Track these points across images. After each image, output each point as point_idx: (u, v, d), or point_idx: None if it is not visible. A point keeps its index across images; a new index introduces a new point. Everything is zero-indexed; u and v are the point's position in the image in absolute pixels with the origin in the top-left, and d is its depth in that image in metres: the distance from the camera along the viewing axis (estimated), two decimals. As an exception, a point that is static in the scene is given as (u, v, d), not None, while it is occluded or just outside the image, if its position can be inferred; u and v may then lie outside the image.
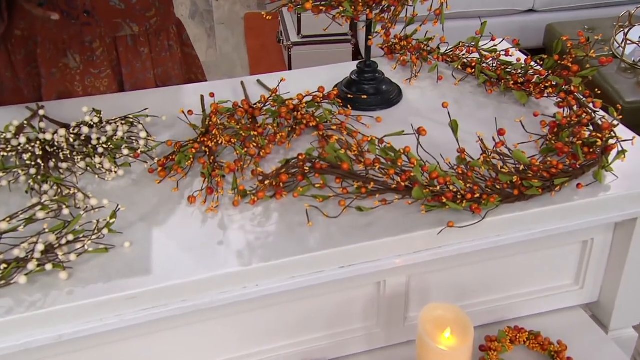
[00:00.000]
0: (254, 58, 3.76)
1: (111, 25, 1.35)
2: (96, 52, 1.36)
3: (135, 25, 1.38)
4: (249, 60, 3.75)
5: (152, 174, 1.09)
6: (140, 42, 1.40)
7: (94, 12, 1.32)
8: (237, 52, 3.91)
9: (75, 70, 1.34)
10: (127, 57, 1.39)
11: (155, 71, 1.44)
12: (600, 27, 3.31)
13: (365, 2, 1.14)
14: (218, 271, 0.91)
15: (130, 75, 1.41)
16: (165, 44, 1.44)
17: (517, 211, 1.00)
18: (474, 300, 1.14)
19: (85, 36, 1.33)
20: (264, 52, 3.80)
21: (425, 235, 0.98)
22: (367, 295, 1.07)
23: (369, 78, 1.30)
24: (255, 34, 4.07)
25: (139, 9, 1.37)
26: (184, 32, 1.51)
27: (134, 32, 1.38)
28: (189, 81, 1.53)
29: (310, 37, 3.42)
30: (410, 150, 1.00)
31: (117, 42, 1.37)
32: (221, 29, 4.19)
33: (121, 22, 1.36)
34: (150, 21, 1.40)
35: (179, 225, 0.99)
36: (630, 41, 2.86)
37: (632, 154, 1.07)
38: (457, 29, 2.51)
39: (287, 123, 1.18)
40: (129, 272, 0.90)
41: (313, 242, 0.96)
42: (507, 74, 1.29)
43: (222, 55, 3.88)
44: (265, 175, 1.04)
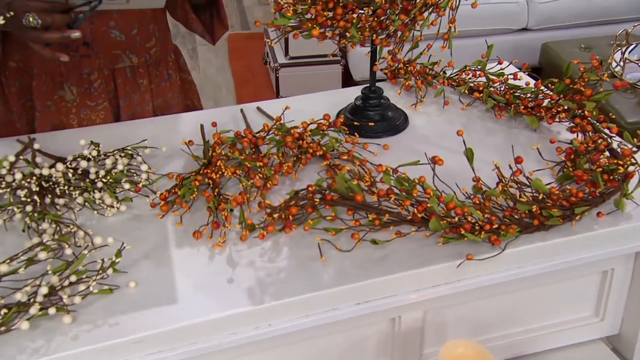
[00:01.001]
0: (239, 80, 3.78)
1: (110, 57, 1.36)
2: (94, 84, 1.36)
3: (135, 57, 1.39)
4: (234, 83, 3.77)
5: (154, 208, 1.08)
6: (140, 74, 1.40)
7: (93, 43, 1.32)
8: (222, 74, 3.92)
9: (71, 102, 1.34)
10: (125, 88, 1.40)
11: (154, 102, 1.44)
12: (596, 46, 3.37)
13: (371, 27, 1.15)
14: (229, 311, 0.91)
15: (127, 107, 1.42)
16: (165, 74, 1.45)
17: (537, 242, 1.01)
18: (492, 335, 1.14)
19: (83, 68, 1.34)
20: (249, 74, 3.82)
21: (443, 269, 0.98)
22: (381, 332, 1.07)
23: (375, 104, 1.31)
24: (239, 55, 4.09)
25: (139, 40, 1.38)
26: (181, 58, 1.52)
27: (133, 63, 1.39)
28: (186, 108, 1.53)
29: (298, 58, 3.45)
30: (425, 180, 1.01)
31: (115, 74, 1.38)
32: (204, 50, 4.21)
33: (121, 53, 1.37)
34: (150, 52, 1.41)
35: (185, 262, 0.99)
36: (629, 60, 2.92)
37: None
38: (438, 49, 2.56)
39: (292, 152, 1.19)
40: (135, 314, 0.90)
41: (327, 277, 0.96)
42: (516, 98, 1.31)
43: (206, 78, 3.89)
44: (273, 208, 1.04)
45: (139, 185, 1.07)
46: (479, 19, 3.48)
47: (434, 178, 1.02)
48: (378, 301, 0.98)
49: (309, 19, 1.10)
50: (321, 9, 1.08)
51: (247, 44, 4.23)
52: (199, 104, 1.57)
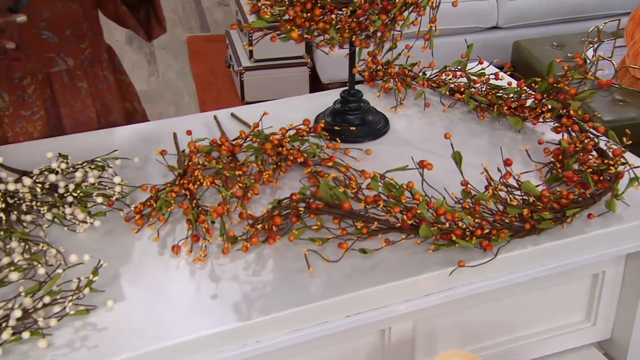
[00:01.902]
0: (202, 85, 3.76)
1: (44, 60, 1.33)
2: (27, 90, 1.32)
3: (70, 59, 1.36)
4: (196, 87, 3.75)
5: (129, 222, 1.07)
6: (78, 77, 1.38)
7: (23, 46, 1.29)
8: (183, 79, 3.90)
9: (3, 111, 1.31)
10: (63, 95, 1.37)
11: (96, 107, 1.42)
12: (568, 43, 3.44)
13: (351, 29, 1.16)
14: (214, 329, 0.90)
15: (69, 116, 1.39)
16: (101, 75, 1.43)
17: (529, 246, 1.02)
18: (483, 344, 1.15)
19: (14, 72, 1.30)
20: (212, 78, 3.80)
21: (435, 277, 0.99)
22: (371, 344, 1.07)
23: (354, 108, 1.31)
24: (200, 58, 4.07)
25: (73, 40, 1.35)
26: (116, 58, 1.50)
27: (69, 66, 1.36)
28: (125, 111, 1.51)
29: (264, 61, 3.44)
30: (413, 185, 1.01)
31: (51, 79, 1.35)
32: (162, 54, 4.18)
33: (55, 56, 1.34)
34: (84, 52, 1.38)
35: (164, 278, 0.98)
36: (602, 57, 2.99)
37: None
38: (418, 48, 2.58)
39: (272, 160, 1.18)
40: (114, 336, 0.88)
41: (315, 290, 0.96)
42: (498, 98, 1.33)
43: (166, 83, 3.86)
44: (255, 219, 1.04)
45: (112, 199, 1.06)
46: (448, 18, 3.52)
47: (423, 183, 1.02)
48: (369, 313, 0.98)
49: (286, 20, 1.10)
50: (300, 10, 1.08)
51: (208, 46, 4.21)
52: (140, 107, 1.55)
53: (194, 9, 4.78)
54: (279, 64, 3.47)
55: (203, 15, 4.72)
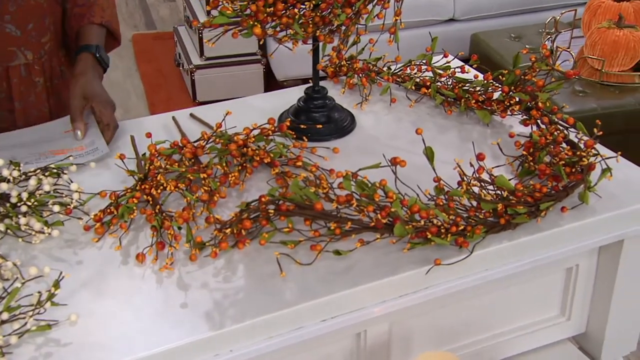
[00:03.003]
0: (150, 85, 3.71)
1: (5, 54, 1.34)
2: None
3: (30, 53, 1.37)
4: (144, 88, 3.70)
5: (88, 231, 1.05)
6: (35, 71, 1.39)
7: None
8: (130, 79, 3.84)
9: None
10: (19, 89, 1.38)
11: (49, 102, 1.42)
12: (526, 35, 3.51)
13: (314, 23, 1.16)
14: (186, 339, 0.89)
15: (22, 110, 1.39)
16: (58, 70, 1.44)
17: (504, 241, 1.04)
18: (459, 344, 1.17)
19: None
20: (160, 78, 3.76)
21: (411, 277, 1.00)
22: (346, 349, 1.07)
23: (319, 105, 1.32)
24: (147, 57, 4.01)
25: (35, 34, 1.37)
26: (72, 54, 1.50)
27: (28, 60, 1.38)
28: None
29: (215, 58, 3.42)
30: (386, 183, 1.02)
31: (9, 72, 1.36)
32: (106, 53, 4.11)
33: (16, 50, 1.35)
34: (44, 47, 1.40)
35: (130, 289, 0.96)
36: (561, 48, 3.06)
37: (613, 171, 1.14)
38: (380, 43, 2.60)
39: (237, 161, 1.18)
40: (79, 351, 0.87)
41: (289, 294, 0.96)
42: (465, 92, 1.35)
43: (112, 84, 3.80)
44: (223, 223, 1.03)
45: (69, 207, 1.04)
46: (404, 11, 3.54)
47: (396, 181, 1.03)
48: (345, 316, 0.98)
49: (248, 15, 1.10)
50: (262, 5, 1.07)
51: (155, 44, 4.16)
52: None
53: (138, 5, 4.72)
54: (232, 61, 3.44)
55: (148, 11, 4.66)
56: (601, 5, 3.15)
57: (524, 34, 3.51)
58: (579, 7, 3.33)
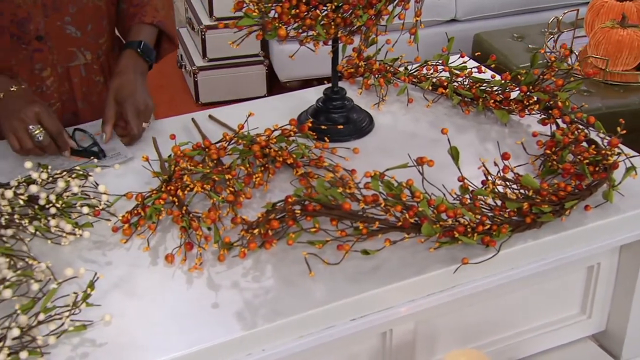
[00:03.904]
0: (152, 87, 3.68)
1: (65, 54, 1.38)
2: (46, 82, 1.37)
3: (89, 53, 1.42)
4: (146, 90, 3.70)
5: (116, 232, 1.06)
6: (95, 71, 1.43)
7: (47, 37, 1.34)
8: (131, 82, 3.85)
9: None
10: (81, 89, 1.41)
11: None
12: (529, 35, 3.53)
13: (336, 24, 1.17)
14: (219, 338, 0.90)
15: (86, 111, 1.43)
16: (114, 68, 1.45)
17: (529, 240, 1.05)
18: (481, 342, 1.18)
19: (35, 63, 1.35)
20: (163, 79, 3.76)
21: (438, 276, 1.01)
22: (372, 348, 1.08)
23: (338, 106, 1.33)
24: (148, 59, 4.02)
25: (93, 35, 1.41)
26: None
27: (87, 60, 1.42)
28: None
29: (218, 60, 3.43)
30: (413, 183, 1.03)
31: (70, 72, 1.41)
32: (106, 55, 4.12)
33: (76, 50, 1.40)
34: (102, 47, 1.44)
35: (161, 289, 0.97)
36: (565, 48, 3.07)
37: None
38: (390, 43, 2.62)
39: (259, 162, 1.19)
40: (116, 351, 0.88)
41: (319, 294, 0.97)
42: (482, 92, 1.37)
43: (113, 86, 3.81)
44: (250, 223, 1.04)
45: (97, 209, 1.05)
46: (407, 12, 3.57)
47: (423, 181, 1.04)
48: (374, 315, 0.99)
49: (272, 17, 1.11)
50: (288, 7, 1.09)
51: (155, 46, 4.16)
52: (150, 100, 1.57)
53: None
54: (234, 62, 3.45)
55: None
56: (604, 5, 3.17)
57: (526, 34, 3.53)
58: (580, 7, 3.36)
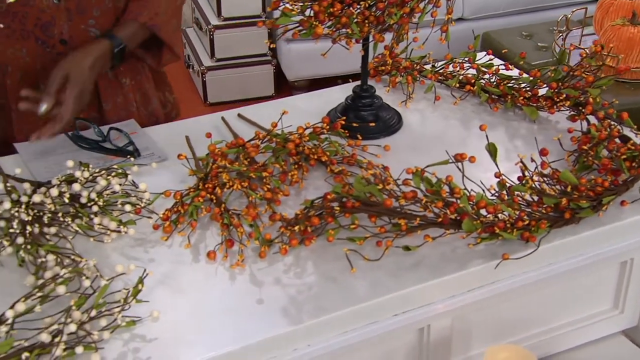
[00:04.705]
0: (159, 87, 3.73)
1: None
2: None
3: None
4: (153, 90, 3.71)
5: (157, 230, 1.07)
6: (121, 72, 1.42)
7: (71, 41, 1.33)
8: (137, 82, 3.86)
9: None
10: (107, 91, 1.40)
11: (136, 99, 1.45)
12: (537, 33, 3.55)
13: (369, 22, 1.19)
14: (266, 334, 0.92)
15: (111, 111, 1.42)
16: (139, 66, 1.46)
17: (567, 236, 1.07)
18: (515, 338, 1.19)
19: None
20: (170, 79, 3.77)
21: (479, 271, 1.03)
22: (409, 344, 1.10)
23: (367, 104, 1.34)
24: (154, 59, 4.03)
25: None
26: None
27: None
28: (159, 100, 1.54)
29: (226, 59, 3.44)
30: (452, 179, 1.05)
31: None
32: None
33: None
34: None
35: (205, 285, 0.99)
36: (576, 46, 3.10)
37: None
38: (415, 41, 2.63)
39: (292, 160, 1.20)
40: (165, 347, 0.89)
41: (362, 290, 0.99)
42: (510, 89, 1.38)
43: (120, 86, 3.82)
44: (288, 221, 1.05)
45: (139, 206, 1.06)
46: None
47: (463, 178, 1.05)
48: (415, 311, 1.01)
49: (309, 16, 1.12)
50: (325, 5, 1.10)
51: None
52: (171, 97, 1.59)
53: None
54: (242, 62, 3.47)
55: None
56: (614, 3, 3.19)
57: (534, 31, 3.56)
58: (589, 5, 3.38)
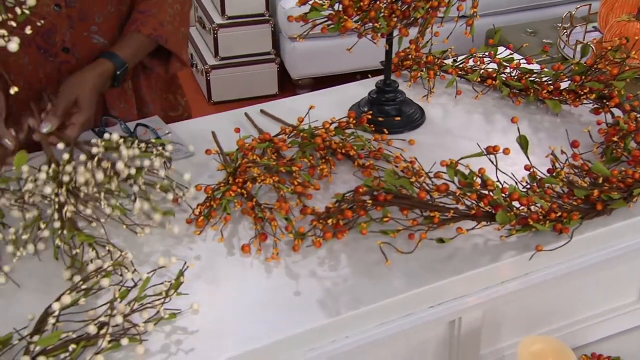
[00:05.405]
0: (161, 86, 3.73)
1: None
2: None
3: None
4: (156, 90, 3.72)
5: (190, 224, 1.09)
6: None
7: (73, 49, 1.32)
8: (139, 81, 3.86)
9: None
10: (111, 96, 1.40)
11: (136, 104, 1.45)
12: (541, 29, 3.58)
13: (396, 16, 1.20)
14: (305, 326, 0.93)
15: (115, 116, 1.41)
16: (139, 66, 1.44)
17: (599, 227, 1.09)
18: (543, 329, 1.21)
19: (63, 75, 1.32)
20: (172, 79, 3.78)
21: (513, 263, 1.04)
22: (439, 336, 1.11)
23: (391, 98, 1.36)
24: (155, 58, 4.03)
25: None
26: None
27: None
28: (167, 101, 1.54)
29: (229, 58, 3.45)
30: (485, 171, 1.06)
31: None
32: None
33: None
34: None
35: (242, 279, 1.00)
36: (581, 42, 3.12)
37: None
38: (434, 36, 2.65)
39: (320, 154, 1.21)
40: (207, 339, 0.90)
41: (398, 282, 1.00)
42: (532, 83, 1.40)
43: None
44: (319, 214, 1.07)
45: (178, 196, 1.07)
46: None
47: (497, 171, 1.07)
48: (449, 303, 1.02)
49: (338, 10, 1.14)
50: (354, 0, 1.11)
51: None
52: (182, 100, 1.58)
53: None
54: (246, 61, 3.48)
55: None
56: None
57: (539, 28, 3.58)
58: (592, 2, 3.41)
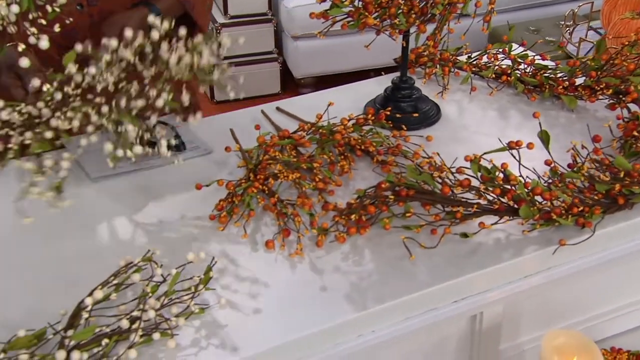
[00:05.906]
0: (163, 86, 3.73)
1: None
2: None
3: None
4: (157, 89, 3.72)
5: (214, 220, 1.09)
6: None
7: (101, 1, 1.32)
8: (141, 81, 3.87)
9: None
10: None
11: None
12: (544, 27, 3.60)
13: (415, 13, 1.21)
14: (333, 320, 0.94)
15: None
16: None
17: (621, 221, 1.10)
18: (563, 324, 1.22)
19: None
20: (174, 78, 3.79)
21: (536, 257, 1.05)
22: (461, 331, 1.12)
23: (407, 95, 1.37)
24: (156, 58, 4.04)
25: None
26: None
27: None
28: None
29: (232, 57, 3.45)
30: (508, 166, 1.07)
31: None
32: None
33: None
34: None
35: (267, 274, 1.01)
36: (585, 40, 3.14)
37: None
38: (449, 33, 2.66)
39: (339, 151, 1.22)
40: (236, 334, 0.91)
41: (422, 277, 1.01)
42: (547, 79, 1.41)
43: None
44: (340, 210, 1.08)
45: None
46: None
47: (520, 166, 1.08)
48: (473, 297, 1.03)
49: (358, 7, 1.15)
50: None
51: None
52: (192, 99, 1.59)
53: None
54: (248, 60, 3.49)
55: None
56: (622, -3, 3.23)
57: (541, 26, 3.60)
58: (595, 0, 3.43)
